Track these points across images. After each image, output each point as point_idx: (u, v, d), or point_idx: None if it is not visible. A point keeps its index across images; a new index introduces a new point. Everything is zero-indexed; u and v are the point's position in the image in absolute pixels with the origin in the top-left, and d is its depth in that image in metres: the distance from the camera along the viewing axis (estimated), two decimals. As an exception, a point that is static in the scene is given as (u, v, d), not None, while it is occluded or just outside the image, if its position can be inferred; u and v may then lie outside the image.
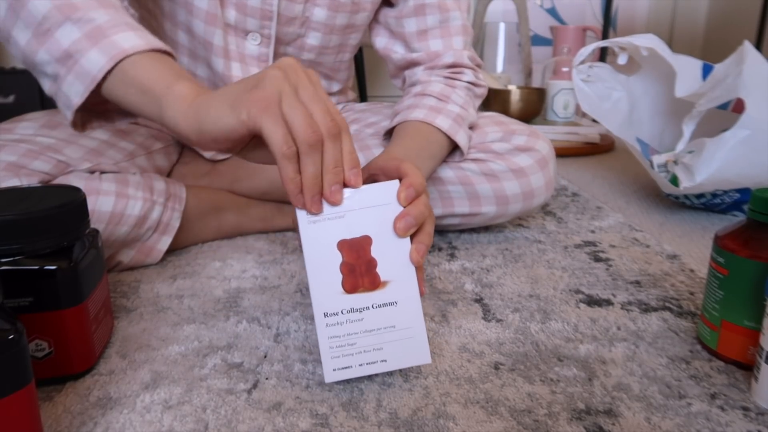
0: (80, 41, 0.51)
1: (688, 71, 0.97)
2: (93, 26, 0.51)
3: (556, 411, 0.46)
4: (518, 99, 1.58)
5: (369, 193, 0.47)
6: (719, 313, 0.52)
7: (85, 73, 0.51)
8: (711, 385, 0.49)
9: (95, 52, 0.51)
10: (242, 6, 0.75)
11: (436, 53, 0.80)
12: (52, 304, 0.47)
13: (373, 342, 0.47)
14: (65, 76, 0.52)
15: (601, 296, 0.67)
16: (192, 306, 0.64)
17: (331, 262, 0.46)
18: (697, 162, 0.87)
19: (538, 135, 0.81)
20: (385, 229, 0.47)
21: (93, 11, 0.52)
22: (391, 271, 0.47)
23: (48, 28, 0.52)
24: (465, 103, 0.78)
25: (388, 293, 0.47)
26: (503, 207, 0.80)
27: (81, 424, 0.44)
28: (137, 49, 0.51)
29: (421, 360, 0.48)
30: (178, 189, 0.78)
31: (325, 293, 0.46)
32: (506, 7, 2.14)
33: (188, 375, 0.51)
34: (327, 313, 0.46)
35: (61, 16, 0.51)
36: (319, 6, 0.78)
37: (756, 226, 0.50)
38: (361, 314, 0.47)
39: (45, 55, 0.52)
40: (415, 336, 0.47)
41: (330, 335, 0.46)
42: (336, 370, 0.47)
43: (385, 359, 0.47)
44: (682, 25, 2.26)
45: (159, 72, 0.50)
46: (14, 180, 0.64)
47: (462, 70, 0.81)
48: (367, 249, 0.47)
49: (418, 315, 0.47)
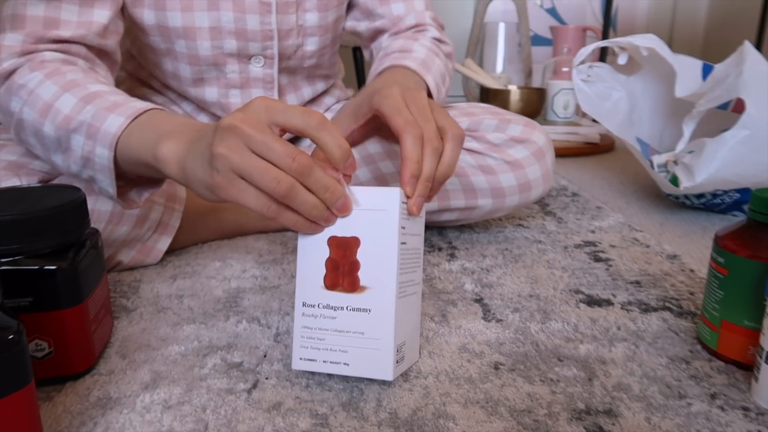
0: (86, 144, 0.57)
1: (688, 71, 0.97)
2: (87, 125, 0.56)
3: (556, 411, 0.46)
4: (518, 99, 1.58)
5: (370, 196, 0.47)
6: (719, 313, 0.52)
7: (103, 167, 0.57)
8: (711, 385, 0.49)
9: (99, 147, 0.56)
10: (242, 33, 0.75)
11: (399, 17, 0.81)
12: (51, 304, 0.47)
13: (340, 343, 0.47)
14: (95, 175, 0.59)
15: (601, 296, 0.67)
16: (192, 306, 0.64)
17: (320, 255, 0.47)
18: (697, 162, 0.87)
19: (534, 126, 0.80)
20: (374, 235, 0.46)
21: (81, 113, 0.57)
22: (371, 278, 0.46)
23: (66, 146, 0.58)
24: (429, 52, 0.75)
25: (363, 299, 0.47)
26: (500, 200, 0.80)
27: (81, 424, 0.44)
28: (122, 128, 0.55)
29: (382, 375, 0.46)
30: (177, 189, 0.78)
31: (308, 283, 0.47)
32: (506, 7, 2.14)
33: (188, 375, 0.51)
34: (305, 302, 0.47)
35: (66, 132, 0.58)
36: (310, 11, 0.78)
37: (756, 226, 0.50)
38: (335, 312, 0.47)
39: (75, 166, 0.59)
40: (381, 348, 0.46)
41: (304, 324, 0.47)
42: (302, 359, 0.47)
43: (348, 363, 0.47)
44: (682, 25, 2.26)
45: (143, 142, 0.54)
46: (14, 179, 0.64)
47: (425, 28, 0.81)
48: (354, 250, 0.47)
49: (389, 328, 0.46)
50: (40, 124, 0.59)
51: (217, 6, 0.72)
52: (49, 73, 0.60)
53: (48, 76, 0.60)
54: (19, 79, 0.60)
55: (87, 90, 0.59)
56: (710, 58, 1.05)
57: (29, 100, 0.59)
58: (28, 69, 0.60)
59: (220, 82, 0.79)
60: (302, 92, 0.87)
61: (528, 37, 2.01)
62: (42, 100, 0.59)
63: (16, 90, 0.60)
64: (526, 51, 2.01)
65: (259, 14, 0.74)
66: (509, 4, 2.07)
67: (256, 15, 0.74)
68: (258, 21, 0.75)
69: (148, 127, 0.55)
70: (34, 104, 0.59)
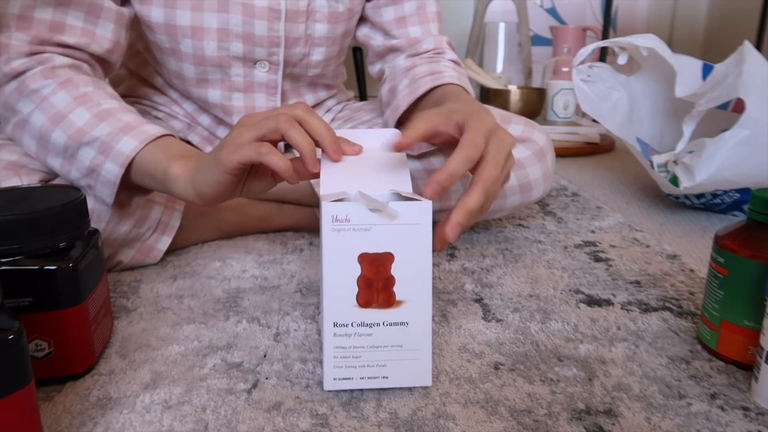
0: (96, 158, 0.61)
1: (688, 71, 0.97)
2: (100, 142, 0.61)
3: (556, 411, 0.46)
4: (518, 99, 1.58)
5: (400, 209, 0.45)
6: (719, 313, 0.52)
7: (108, 181, 0.62)
8: (711, 385, 0.49)
9: (109, 163, 0.61)
10: (249, 37, 0.75)
11: (416, 39, 0.82)
12: (51, 304, 0.47)
13: (378, 358, 0.47)
14: (95, 185, 0.63)
15: (601, 296, 0.67)
16: (192, 306, 0.64)
17: (350, 273, 0.46)
18: (697, 162, 0.87)
19: (534, 126, 0.80)
20: (409, 249, 0.46)
21: (95, 129, 0.61)
22: (407, 292, 0.46)
23: (72, 154, 0.62)
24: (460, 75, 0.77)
25: (401, 313, 0.46)
26: (500, 200, 0.80)
27: (81, 424, 0.44)
28: (136, 150, 0.60)
29: (422, 382, 0.48)
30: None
31: (338, 303, 0.46)
32: (506, 7, 2.14)
33: (188, 375, 0.51)
34: (337, 323, 0.46)
35: (76, 143, 0.61)
36: (320, 21, 0.78)
37: (756, 226, 0.50)
38: (371, 329, 0.46)
39: (76, 173, 0.63)
40: (420, 358, 0.47)
41: (336, 345, 0.46)
42: (337, 379, 0.47)
43: (387, 376, 0.47)
44: (682, 25, 2.26)
45: (156, 161, 0.59)
46: (15, 179, 0.64)
47: (442, 51, 0.82)
48: (388, 266, 0.46)
49: (427, 338, 0.47)
50: (49, 130, 0.62)
51: (227, 9, 0.73)
52: (62, 82, 0.63)
53: (61, 85, 0.63)
54: (32, 83, 0.63)
55: (100, 107, 0.62)
56: (710, 58, 1.05)
57: (42, 106, 0.62)
58: (41, 75, 0.63)
59: (224, 84, 0.79)
60: (305, 99, 0.88)
61: (528, 37, 2.01)
62: (55, 108, 0.62)
63: (29, 94, 0.63)
64: (526, 51, 2.01)
65: (267, 20, 0.75)
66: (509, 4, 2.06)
67: (264, 21, 0.75)
68: (266, 27, 0.75)
69: (161, 150, 0.60)
70: (46, 110, 0.62)
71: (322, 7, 0.78)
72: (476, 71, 1.68)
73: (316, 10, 0.78)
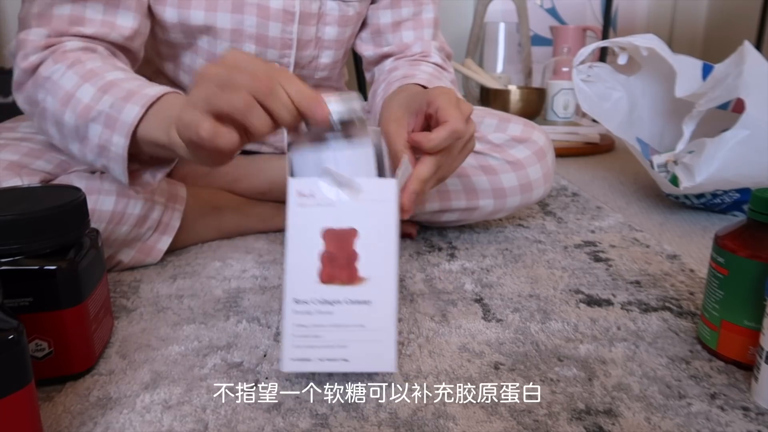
0: (104, 132, 0.58)
1: (688, 71, 0.97)
2: (105, 115, 0.58)
3: (556, 411, 0.46)
4: (518, 99, 1.58)
5: (366, 186, 0.45)
6: (719, 313, 0.52)
7: (117, 156, 0.59)
8: (711, 385, 0.49)
9: (116, 136, 0.58)
10: (263, 39, 0.75)
11: (407, 45, 0.82)
12: (51, 304, 0.47)
13: (339, 338, 0.45)
14: (108, 165, 0.61)
15: (601, 296, 0.67)
16: (192, 306, 0.64)
17: (313, 249, 0.45)
18: (697, 162, 0.87)
19: (533, 126, 0.81)
20: (374, 226, 0.46)
21: (99, 103, 0.58)
22: (371, 269, 0.45)
23: (83, 135, 0.60)
24: (431, 77, 0.75)
25: (363, 291, 0.45)
26: (501, 200, 0.80)
27: (81, 424, 0.44)
28: (138, 117, 0.56)
29: (385, 367, 0.46)
30: (178, 189, 0.78)
31: (299, 279, 0.45)
32: (506, 7, 2.14)
33: (188, 375, 0.51)
34: (297, 299, 0.45)
35: (85, 121, 0.59)
36: (330, 25, 0.79)
37: (756, 226, 0.50)
38: (332, 307, 0.45)
39: (91, 155, 0.61)
40: (383, 340, 0.46)
41: (296, 323, 0.45)
42: (294, 360, 0.46)
43: (347, 359, 0.46)
44: (682, 25, 2.26)
45: (158, 127, 0.55)
46: (15, 179, 0.64)
47: (429, 55, 0.82)
48: (351, 242, 0.45)
49: (391, 320, 0.46)
50: (61, 113, 0.60)
51: (241, 10, 0.73)
52: (70, 63, 0.61)
53: (69, 66, 0.61)
54: (44, 71, 0.62)
55: (104, 79, 0.60)
56: (710, 58, 1.05)
57: (52, 89, 0.61)
58: (51, 61, 0.62)
59: None
60: None
61: (528, 37, 2.01)
62: (63, 89, 0.60)
63: (42, 82, 0.62)
64: (526, 51, 2.01)
65: (281, 23, 0.75)
66: (509, 4, 2.06)
67: (278, 23, 0.75)
68: (280, 29, 0.75)
69: (164, 112, 0.56)
70: (56, 94, 0.60)
71: (333, 10, 0.78)
72: (476, 71, 1.68)
73: (327, 13, 0.78)
